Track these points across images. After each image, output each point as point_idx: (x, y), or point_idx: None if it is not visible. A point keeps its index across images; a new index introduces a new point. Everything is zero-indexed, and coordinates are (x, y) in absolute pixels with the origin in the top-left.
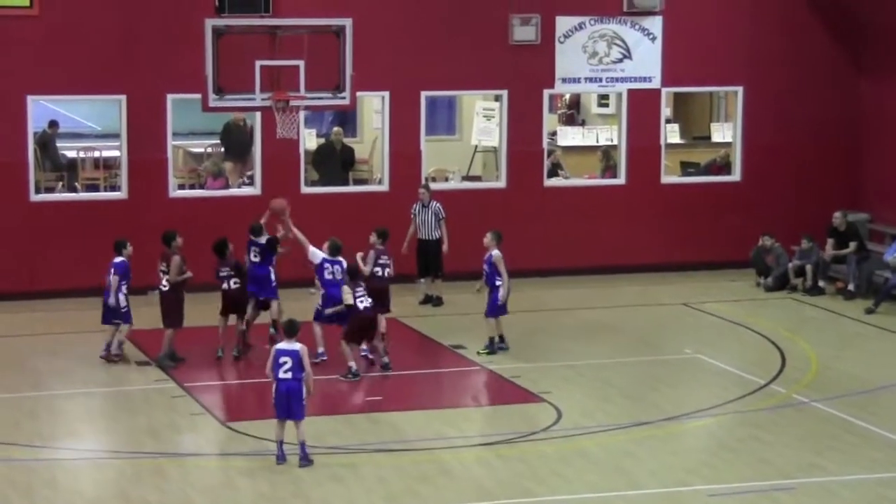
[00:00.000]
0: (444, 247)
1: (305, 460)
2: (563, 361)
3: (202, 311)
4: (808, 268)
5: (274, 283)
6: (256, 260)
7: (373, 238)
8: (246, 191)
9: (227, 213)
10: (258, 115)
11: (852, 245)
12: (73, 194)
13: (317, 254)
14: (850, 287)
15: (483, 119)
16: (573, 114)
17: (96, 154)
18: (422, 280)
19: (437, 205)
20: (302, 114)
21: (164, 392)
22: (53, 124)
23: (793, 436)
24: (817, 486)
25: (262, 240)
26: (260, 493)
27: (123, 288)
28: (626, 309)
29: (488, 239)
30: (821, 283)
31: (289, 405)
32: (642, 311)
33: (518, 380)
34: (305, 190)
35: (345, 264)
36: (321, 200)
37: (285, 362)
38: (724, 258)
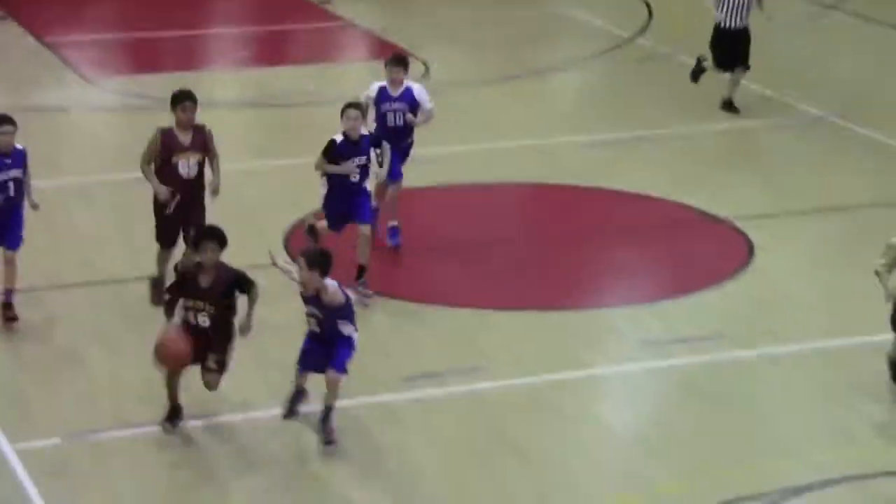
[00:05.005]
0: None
1: None
2: (430, 20)
3: None
4: None
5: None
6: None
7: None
8: None
9: None
10: None
11: None
12: None
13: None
14: None
15: None
16: None
17: None
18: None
19: None
20: None
21: None
22: None
23: (655, 87)
24: (678, 135)
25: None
26: None
27: None
28: None
29: None
30: None
31: None
32: None
33: (386, 33)
34: None
35: None
36: None
37: None
38: None
